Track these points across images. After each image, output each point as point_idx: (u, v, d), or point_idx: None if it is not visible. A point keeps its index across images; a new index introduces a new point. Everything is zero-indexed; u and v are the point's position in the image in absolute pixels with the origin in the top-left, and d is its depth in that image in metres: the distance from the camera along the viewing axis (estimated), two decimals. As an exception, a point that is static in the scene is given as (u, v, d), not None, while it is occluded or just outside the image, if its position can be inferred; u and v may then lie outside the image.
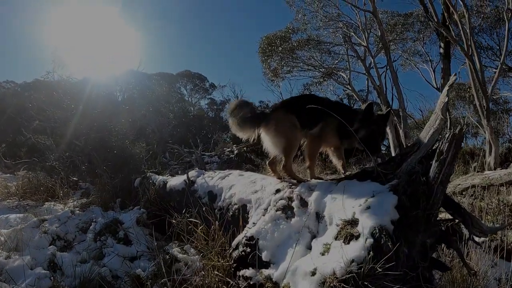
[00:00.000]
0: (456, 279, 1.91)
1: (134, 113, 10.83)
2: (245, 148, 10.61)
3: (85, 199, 4.21)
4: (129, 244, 2.94)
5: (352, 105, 14.08)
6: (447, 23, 8.29)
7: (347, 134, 2.12)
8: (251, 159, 10.19)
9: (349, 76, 12.09)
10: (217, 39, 50.84)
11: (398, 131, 9.13)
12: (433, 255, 1.69)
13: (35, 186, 4.48)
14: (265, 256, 1.72)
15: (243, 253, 1.85)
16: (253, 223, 1.99)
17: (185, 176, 3.34)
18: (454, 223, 1.74)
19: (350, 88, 12.34)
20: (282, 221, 1.85)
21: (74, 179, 5.26)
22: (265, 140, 2.36)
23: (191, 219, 2.39)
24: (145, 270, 2.32)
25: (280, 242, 1.75)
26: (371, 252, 1.32)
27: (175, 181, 3.49)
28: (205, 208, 2.47)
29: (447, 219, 1.77)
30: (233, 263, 1.89)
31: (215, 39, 51.08)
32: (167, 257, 2.35)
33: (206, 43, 50.93)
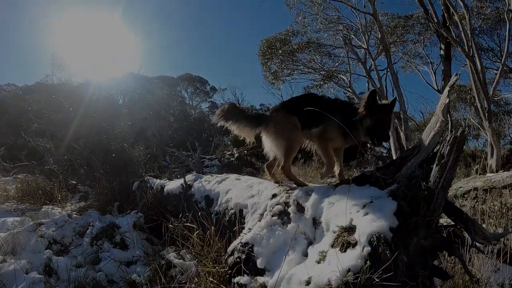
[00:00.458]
0: (458, 285, 1.85)
1: (135, 116, 10.85)
2: (245, 151, 10.58)
3: (83, 203, 4.19)
4: (125, 248, 2.90)
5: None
6: (448, 24, 8.27)
7: (351, 127, 2.00)
8: (251, 162, 10.16)
9: (349, 79, 12.07)
10: (218, 42, 51.21)
11: (399, 133, 9.07)
12: (434, 261, 1.64)
13: (33, 189, 4.45)
14: (260, 263, 1.67)
15: (238, 259, 1.80)
16: (249, 228, 1.94)
17: (182, 180, 3.31)
18: (456, 229, 1.69)
19: (350, 91, 12.30)
20: (278, 226, 1.80)
21: (73, 182, 5.24)
22: (265, 142, 2.35)
23: (187, 224, 2.36)
24: (141, 275, 2.28)
25: (276, 248, 1.70)
26: (368, 261, 1.27)
27: (173, 185, 3.45)
28: (201, 213, 2.44)
29: (448, 225, 1.72)
30: (228, 269, 1.84)
31: (215, 43, 51.45)
32: (163, 262, 2.32)
33: (206, 47, 51.30)
